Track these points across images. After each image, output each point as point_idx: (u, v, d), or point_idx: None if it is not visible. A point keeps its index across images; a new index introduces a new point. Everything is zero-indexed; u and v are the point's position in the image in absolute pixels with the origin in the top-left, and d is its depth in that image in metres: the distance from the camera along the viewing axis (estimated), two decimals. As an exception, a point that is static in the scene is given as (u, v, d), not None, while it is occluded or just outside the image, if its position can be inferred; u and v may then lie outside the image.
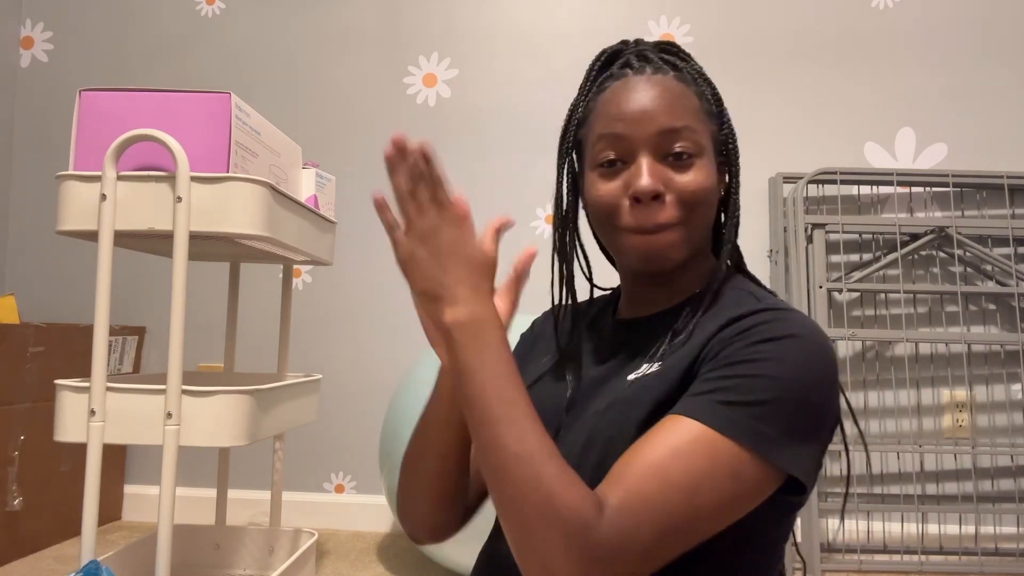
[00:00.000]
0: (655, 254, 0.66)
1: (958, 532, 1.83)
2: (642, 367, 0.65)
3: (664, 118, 0.65)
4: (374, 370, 2.05)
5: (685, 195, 0.65)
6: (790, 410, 0.55)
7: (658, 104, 0.66)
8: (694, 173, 0.65)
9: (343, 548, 1.82)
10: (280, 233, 1.22)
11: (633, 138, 0.66)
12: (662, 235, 0.65)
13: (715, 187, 0.68)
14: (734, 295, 0.67)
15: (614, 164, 0.67)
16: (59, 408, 1.13)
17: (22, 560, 1.66)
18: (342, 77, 2.12)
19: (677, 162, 0.65)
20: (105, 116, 1.15)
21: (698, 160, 0.66)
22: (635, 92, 0.67)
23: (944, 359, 1.90)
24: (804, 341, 0.58)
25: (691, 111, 0.67)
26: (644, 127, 0.65)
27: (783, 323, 0.59)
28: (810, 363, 0.57)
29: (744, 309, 0.61)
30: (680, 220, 0.65)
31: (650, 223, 0.65)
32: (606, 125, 0.67)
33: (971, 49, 1.98)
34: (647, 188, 0.64)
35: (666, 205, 0.65)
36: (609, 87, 0.69)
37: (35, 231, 2.17)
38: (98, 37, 2.19)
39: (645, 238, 0.65)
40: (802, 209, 1.83)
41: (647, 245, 0.65)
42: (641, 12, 2.06)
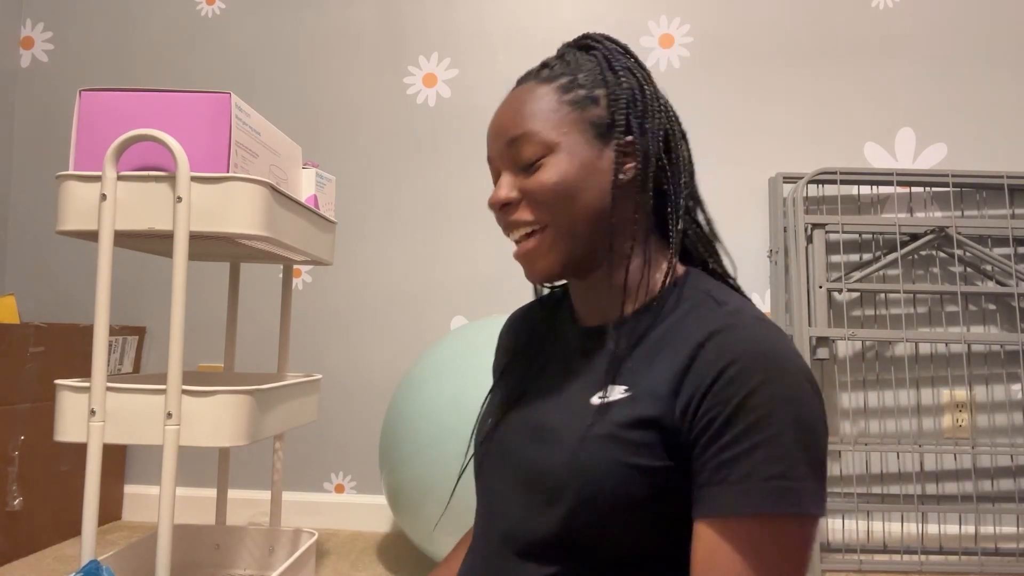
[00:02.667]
0: (529, 261, 0.67)
1: (958, 532, 1.83)
2: (606, 391, 0.62)
3: (507, 133, 0.66)
4: (374, 370, 2.05)
5: (532, 195, 0.65)
6: (805, 457, 0.53)
7: (502, 120, 0.67)
8: (541, 172, 0.64)
9: (343, 548, 1.82)
10: (280, 233, 1.22)
11: (493, 157, 0.69)
12: (524, 243, 0.66)
13: (576, 176, 0.63)
14: (695, 301, 0.63)
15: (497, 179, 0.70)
16: (59, 408, 1.13)
17: (22, 560, 1.66)
18: (342, 77, 2.12)
19: (529, 169, 0.65)
20: (105, 116, 1.15)
21: (550, 157, 0.64)
22: (496, 113, 0.69)
23: (944, 359, 1.90)
24: (789, 375, 0.55)
25: (538, 113, 0.64)
26: (497, 144, 0.67)
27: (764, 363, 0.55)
28: (804, 397, 0.55)
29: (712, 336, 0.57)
30: (539, 219, 0.65)
31: (509, 228, 0.67)
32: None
33: (971, 49, 1.98)
34: (492, 199, 0.67)
35: (519, 208, 0.66)
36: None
37: (35, 231, 2.17)
38: (98, 37, 2.19)
39: (518, 248, 0.67)
40: (802, 209, 1.83)
41: (520, 254, 0.67)
42: (641, 12, 2.06)
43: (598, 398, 0.62)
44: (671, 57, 2.05)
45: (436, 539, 1.46)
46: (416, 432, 1.44)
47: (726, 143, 2.01)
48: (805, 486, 0.52)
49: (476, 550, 0.70)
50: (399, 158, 2.09)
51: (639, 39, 2.06)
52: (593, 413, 0.61)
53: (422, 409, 1.45)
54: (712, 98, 2.03)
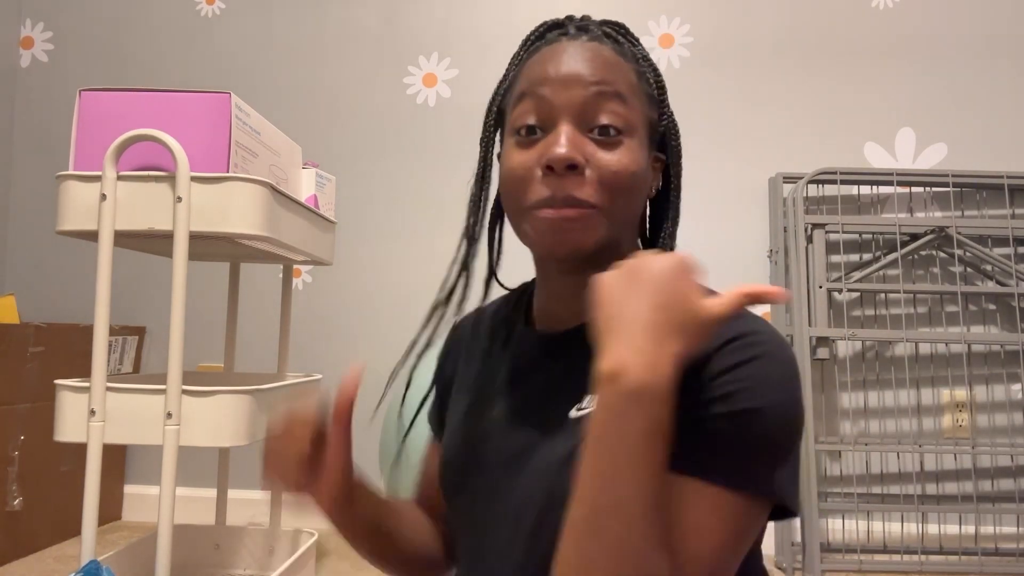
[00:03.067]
0: (564, 231, 0.56)
1: (958, 532, 1.83)
2: (584, 400, 0.58)
3: (591, 83, 0.57)
4: (374, 370, 2.05)
5: (607, 175, 0.56)
6: (776, 442, 0.52)
7: (587, 68, 0.58)
8: (621, 153, 0.57)
9: (343, 548, 1.82)
10: (280, 233, 1.22)
11: (554, 102, 0.57)
12: (575, 211, 0.56)
13: (644, 175, 0.60)
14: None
15: (534, 131, 0.58)
16: (59, 408, 1.13)
17: (22, 560, 1.66)
18: (342, 77, 2.12)
19: (603, 137, 0.57)
20: (105, 116, 1.15)
21: (627, 139, 0.58)
22: (564, 54, 0.59)
23: (944, 359, 1.90)
24: (772, 360, 0.53)
25: (624, 82, 0.59)
26: (568, 90, 0.57)
27: (757, 341, 0.53)
28: (784, 382, 0.53)
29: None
30: (598, 202, 0.57)
31: (562, 194, 0.56)
32: (527, 86, 0.59)
33: (971, 49, 1.98)
34: (562, 155, 0.55)
35: (585, 180, 0.56)
36: (535, 54, 0.62)
37: (35, 231, 2.17)
38: (98, 37, 2.19)
39: (555, 212, 0.56)
40: (802, 209, 1.83)
41: (556, 219, 0.56)
42: (641, 12, 2.06)
43: (576, 410, 0.58)
44: (671, 57, 2.05)
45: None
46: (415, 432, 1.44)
47: (726, 143, 2.01)
48: (762, 471, 0.51)
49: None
50: (399, 158, 2.09)
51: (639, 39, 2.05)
52: (574, 427, 0.57)
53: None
54: (712, 98, 2.03)
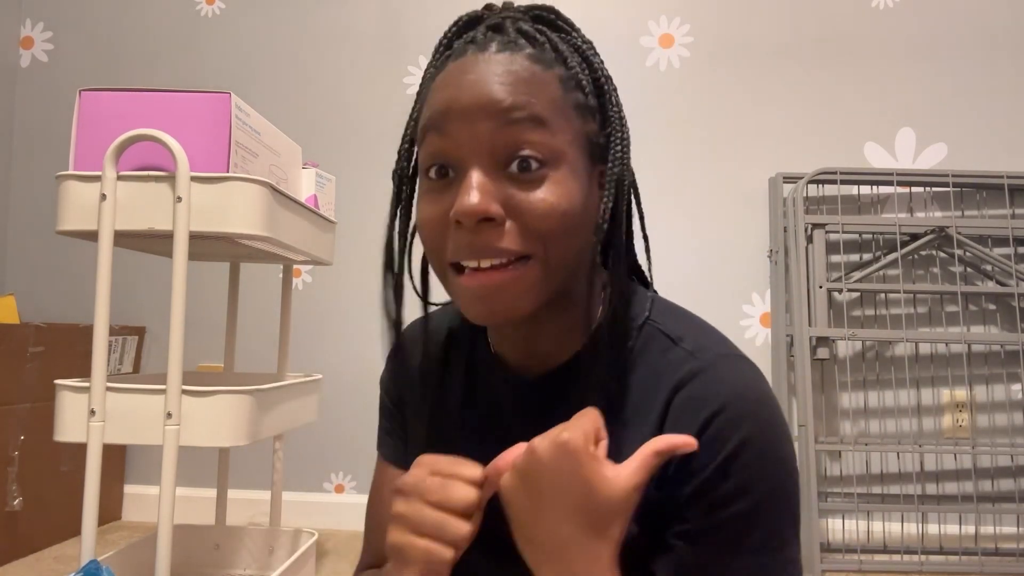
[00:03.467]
0: (492, 299, 0.49)
1: (958, 532, 1.83)
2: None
3: (501, 112, 0.48)
4: (374, 370, 2.03)
5: (532, 220, 0.48)
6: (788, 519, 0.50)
7: (494, 93, 0.48)
8: (546, 190, 0.49)
9: (343, 548, 1.82)
10: (280, 233, 1.22)
11: (460, 140, 0.49)
12: (495, 273, 0.49)
13: (580, 207, 0.51)
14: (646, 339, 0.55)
15: (445, 174, 0.50)
16: (59, 408, 1.13)
17: (22, 560, 1.66)
18: (342, 77, 2.12)
19: (522, 174, 0.49)
20: (105, 116, 1.15)
21: (552, 171, 0.49)
22: (467, 76, 0.49)
23: (944, 359, 1.90)
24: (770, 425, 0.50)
25: (544, 101, 0.49)
26: (474, 125, 0.48)
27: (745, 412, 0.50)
28: (786, 450, 0.51)
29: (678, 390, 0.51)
30: (527, 250, 0.49)
31: (473, 254, 0.48)
32: (429, 121, 0.51)
33: (971, 49, 1.98)
34: (468, 208, 0.47)
35: (504, 232, 0.48)
36: (437, 74, 0.53)
37: (35, 231, 2.17)
38: (98, 37, 2.19)
39: (474, 277, 0.49)
40: (802, 209, 1.83)
41: (477, 286, 0.49)
42: (641, 12, 2.06)
43: None
44: (671, 57, 2.05)
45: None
46: (416, 432, 1.44)
47: (726, 143, 2.01)
48: (780, 557, 0.49)
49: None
50: (399, 158, 2.09)
51: (639, 39, 2.05)
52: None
53: None
54: (712, 98, 2.03)
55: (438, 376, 0.63)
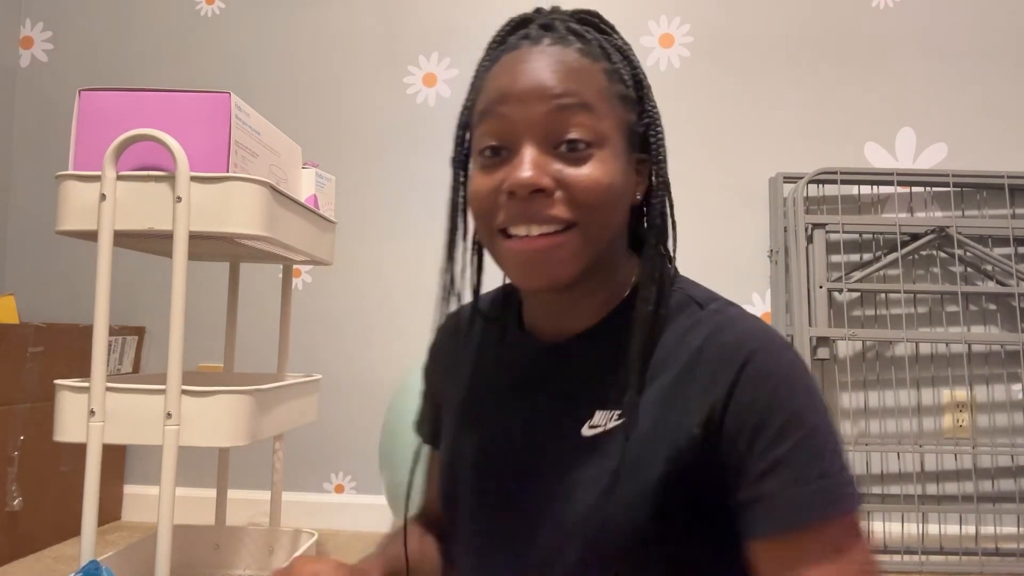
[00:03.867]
0: (540, 263, 0.54)
1: (958, 532, 1.83)
2: (595, 416, 0.57)
3: (553, 97, 0.54)
4: (374, 370, 2.05)
5: (578, 192, 0.54)
6: (834, 446, 0.53)
7: (549, 79, 0.54)
8: (592, 166, 0.54)
9: (343, 548, 1.82)
10: (280, 233, 1.22)
11: (515, 121, 0.54)
12: (545, 240, 0.54)
13: (622, 185, 0.57)
14: (675, 303, 0.59)
15: (498, 153, 0.55)
16: (59, 408, 1.13)
17: (22, 560, 1.66)
18: (342, 77, 2.12)
19: (571, 153, 0.54)
20: (105, 116, 1.15)
21: (598, 151, 0.55)
22: (523, 65, 0.55)
23: (944, 359, 1.90)
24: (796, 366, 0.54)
25: (592, 90, 0.55)
26: (528, 108, 0.54)
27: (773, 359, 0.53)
28: (813, 384, 0.54)
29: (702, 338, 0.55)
30: (572, 222, 0.54)
31: (525, 221, 0.54)
32: (486, 103, 0.56)
33: (971, 49, 1.98)
34: (523, 179, 0.52)
35: (554, 201, 0.54)
36: (494, 64, 0.58)
37: (35, 231, 2.17)
38: (98, 37, 2.19)
39: (523, 243, 0.54)
40: (802, 209, 1.83)
41: (526, 251, 0.54)
42: (641, 12, 2.06)
43: (589, 428, 0.57)
44: (671, 57, 2.05)
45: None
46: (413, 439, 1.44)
47: (726, 143, 2.01)
48: (844, 478, 0.51)
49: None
50: (399, 158, 2.09)
51: (639, 39, 2.05)
52: (588, 448, 0.56)
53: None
54: (712, 98, 2.03)
55: (475, 349, 0.68)
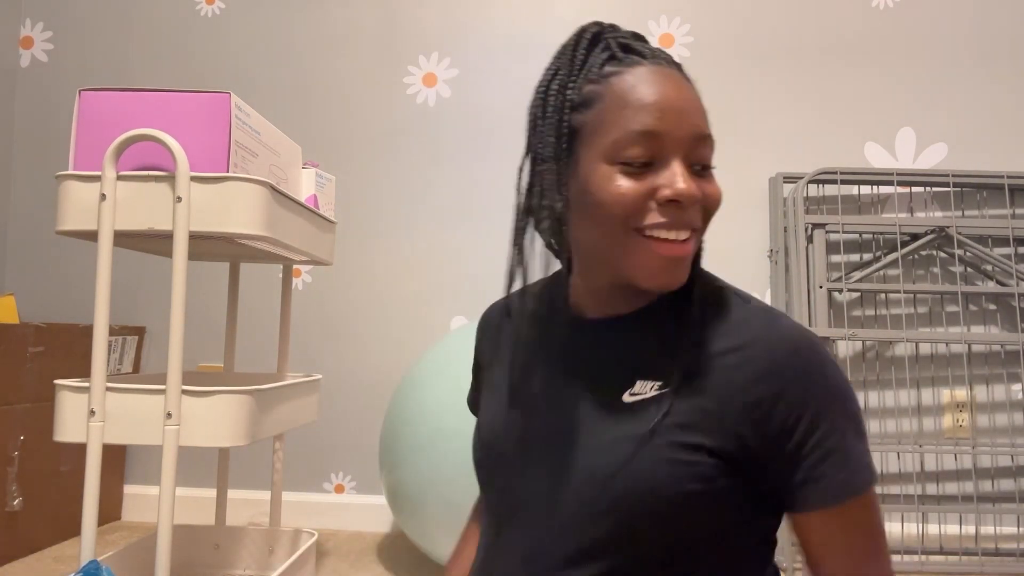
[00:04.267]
0: (676, 267, 0.61)
1: (958, 532, 1.83)
2: (636, 385, 0.62)
3: (699, 122, 0.62)
4: (374, 370, 2.05)
5: (711, 206, 0.63)
6: (862, 431, 0.61)
7: (692, 105, 0.62)
8: (714, 183, 0.63)
9: (343, 548, 1.82)
10: (280, 233, 1.22)
11: (669, 137, 0.60)
12: (685, 245, 0.61)
13: None
14: (719, 297, 0.65)
15: (645, 164, 0.61)
16: (59, 408, 1.13)
17: (22, 560, 1.66)
18: (342, 77, 2.12)
19: (702, 171, 0.62)
20: (105, 116, 1.15)
21: (711, 172, 0.64)
22: (666, 87, 0.61)
23: (944, 359, 1.90)
24: (829, 360, 0.61)
25: (707, 117, 0.65)
26: (682, 128, 0.60)
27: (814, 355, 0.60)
28: (843, 377, 0.61)
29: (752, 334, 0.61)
30: (699, 229, 0.63)
31: (676, 227, 0.60)
32: (639, 119, 0.60)
33: (971, 49, 1.98)
34: (693, 193, 0.59)
35: (696, 211, 0.62)
36: (624, 73, 0.62)
37: (35, 231, 2.17)
38: (98, 37, 2.19)
39: (671, 246, 0.60)
40: (802, 209, 1.83)
41: (675, 253, 0.61)
42: (641, 12, 2.06)
43: (630, 395, 0.62)
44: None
45: (436, 539, 1.46)
46: (416, 432, 1.44)
47: (726, 143, 2.01)
48: (869, 458, 0.61)
49: (491, 556, 0.67)
50: (399, 158, 2.09)
51: (639, 39, 2.05)
52: (628, 412, 0.61)
53: (422, 409, 1.45)
54: (712, 98, 2.03)
55: (523, 324, 0.75)
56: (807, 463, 0.58)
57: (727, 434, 0.59)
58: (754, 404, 0.58)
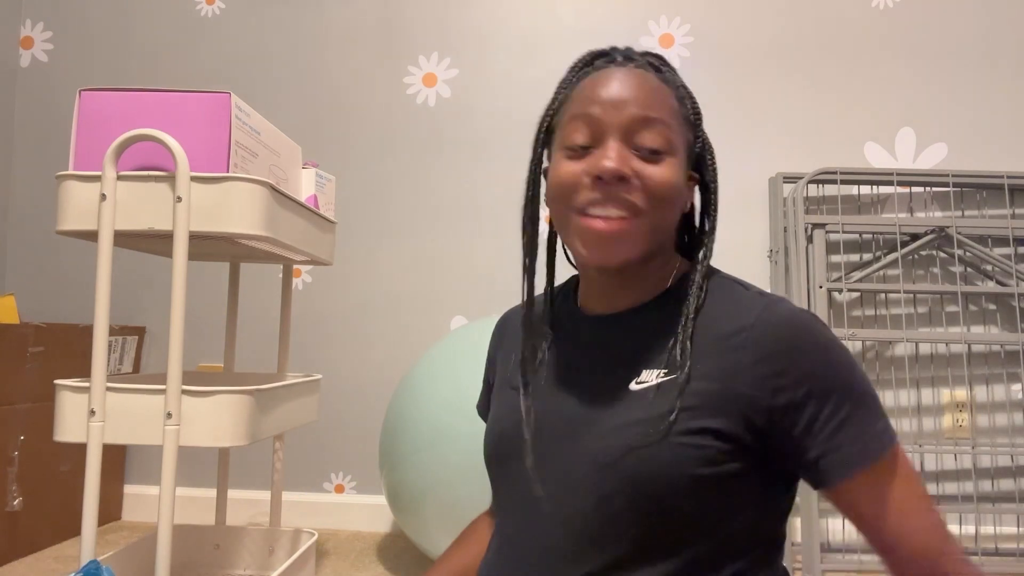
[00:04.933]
0: (609, 241, 0.63)
1: (958, 532, 1.83)
2: (642, 374, 0.64)
3: (639, 107, 0.64)
4: (374, 370, 2.05)
5: (651, 185, 0.63)
6: (875, 393, 0.63)
7: (634, 93, 0.65)
8: (663, 167, 0.64)
9: (343, 548, 1.82)
10: (280, 233, 1.22)
11: (605, 122, 0.64)
12: (616, 223, 0.63)
13: (682, 190, 0.67)
14: (720, 286, 0.67)
15: (586, 148, 0.65)
16: (59, 408, 1.13)
17: (22, 560, 1.66)
18: (342, 77, 2.12)
19: (648, 155, 0.64)
20: (105, 116, 1.15)
21: (668, 158, 0.65)
22: (613, 79, 0.66)
23: (944, 359, 1.90)
24: (831, 335, 0.62)
25: (667, 108, 0.66)
26: (618, 112, 0.64)
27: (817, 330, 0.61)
28: (850, 352, 0.63)
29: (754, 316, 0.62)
30: (642, 211, 0.63)
31: (605, 203, 0.63)
32: (579, 107, 0.66)
33: (971, 49, 1.98)
34: (612, 167, 0.62)
35: (631, 190, 0.63)
36: (587, 77, 0.69)
37: (35, 231, 2.17)
38: (98, 37, 2.19)
39: (601, 222, 0.63)
40: (802, 209, 1.83)
41: (605, 230, 0.63)
42: (641, 12, 2.06)
43: (636, 383, 0.64)
44: (671, 57, 2.05)
45: (436, 539, 1.46)
46: (416, 432, 1.44)
47: (726, 143, 2.01)
48: (886, 422, 0.62)
49: (505, 544, 0.68)
50: (399, 158, 2.09)
51: (639, 39, 2.05)
52: (635, 398, 0.63)
53: (422, 409, 1.45)
54: (712, 98, 2.03)
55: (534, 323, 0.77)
56: (822, 436, 0.59)
57: (734, 416, 0.59)
58: (760, 384, 0.59)
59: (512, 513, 0.69)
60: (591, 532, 0.61)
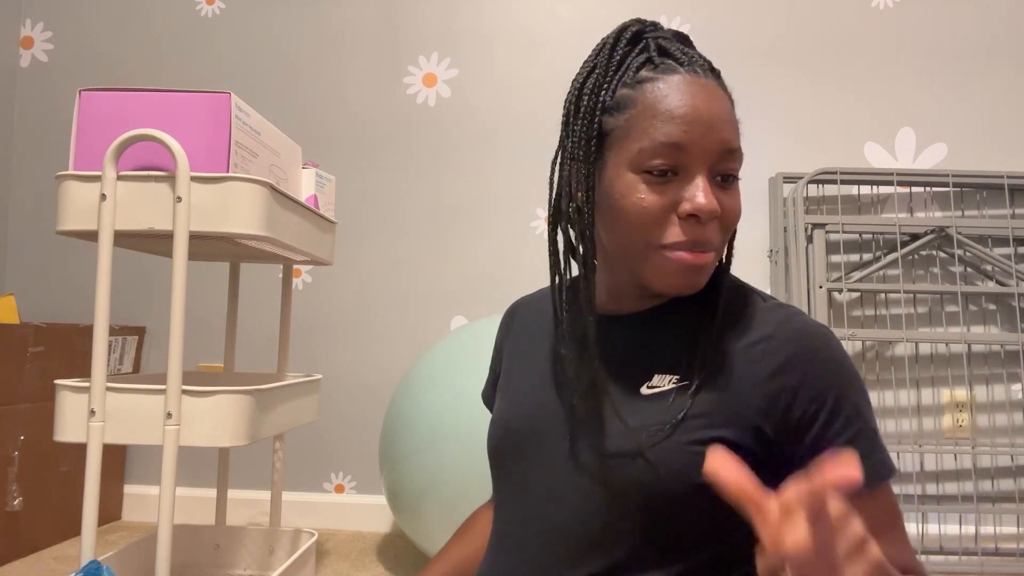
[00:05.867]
0: (694, 275, 0.61)
1: (958, 532, 1.83)
2: (654, 378, 0.63)
3: (727, 136, 0.61)
4: (374, 370, 2.05)
5: (730, 221, 0.63)
6: (871, 417, 0.62)
7: (719, 116, 0.60)
8: (736, 196, 0.63)
9: (343, 548, 1.82)
10: (280, 233, 1.22)
11: (694, 150, 0.60)
12: (707, 256, 0.61)
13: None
14: (738, 295, 0.67)
15: (664, 173, 0.60)
16: (59, 408, 1.13)
17: (22, 560, 1.66)
18: (342, 77, 2.12)
19: (724, 183, 0.62)
20: (105, 116, 1.15)
21: (736, 181, 0.63)
22: (696, 98, 0.60)
23: (944, 359, 1.90)
24: (845, 354, 0.62)
25: (738, 129, 0.63)
26: (708, 142, 0.60)
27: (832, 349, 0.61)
28: (856, 370, 0.63)
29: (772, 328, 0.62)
30: (721, 241, 0.63)
31: (702, 239, 0.60)
32: (662, 127, 0.60)
33: (971, 49, 1.98)
34: (713, 208, 0.59)
35: (716, 227, 0.62)
36: (658, 80, 0.62)
37: (35, 231, 2.17)
38: (98, 37, 2.19)
39: (692, 256, 0.61)
40: (802, 209, 1.83)
41: (692, 264, 0.61)
42: (641, 12, 2.06)
43: (647, 388, 0.63)
44: (671, 57, 2.05)
45: (436, 539, 1.46)
46: (416, 432, 1.44)
47: (726, 143, 2.01)
48: (886, 451, 0.62)
49: (505, 542, 0.68)
50: (399, 158, 2.09)
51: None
52: (646, 403, 0.62)
53: (422, 409, 1.45)
54: (712, 98, 2.03)
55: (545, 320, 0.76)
56: (834, 448, 0.59)
57: (745, 427, 0.59)
58: (775, 395, 0.59)
59: (513, 510, 0.68)
60: (593, 534, 0.61)
